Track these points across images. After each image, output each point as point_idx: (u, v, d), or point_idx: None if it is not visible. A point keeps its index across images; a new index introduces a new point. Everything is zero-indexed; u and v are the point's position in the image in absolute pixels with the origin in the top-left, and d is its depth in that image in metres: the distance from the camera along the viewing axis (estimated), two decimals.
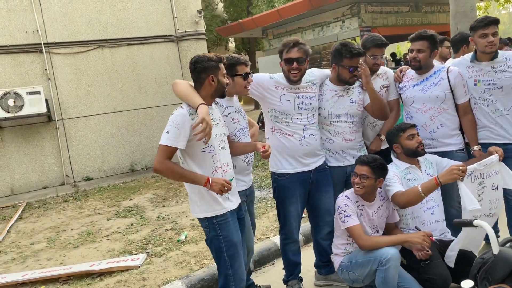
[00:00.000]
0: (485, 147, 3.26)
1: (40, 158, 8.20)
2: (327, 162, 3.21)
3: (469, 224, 1.99)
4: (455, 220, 2.20)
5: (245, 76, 2.84)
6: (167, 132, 2.44)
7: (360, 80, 3.19)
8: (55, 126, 8.24)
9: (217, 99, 2.73)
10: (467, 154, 3.31)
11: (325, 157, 3.20)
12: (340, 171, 3.21)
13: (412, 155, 2.97)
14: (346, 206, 2.74)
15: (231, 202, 2.62)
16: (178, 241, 4.51)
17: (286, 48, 2.99)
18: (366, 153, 3.28)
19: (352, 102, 3.19)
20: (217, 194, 2.49)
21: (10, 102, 7.53)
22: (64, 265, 4.24)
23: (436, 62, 3.53)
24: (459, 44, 4.37)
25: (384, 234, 2.94)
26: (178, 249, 4.27)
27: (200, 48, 9.20)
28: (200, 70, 2.53)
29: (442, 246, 2.78)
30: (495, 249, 1.76)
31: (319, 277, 3.38)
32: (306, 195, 3.14)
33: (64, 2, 8.27)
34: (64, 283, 3.82)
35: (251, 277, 3.28)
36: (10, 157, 7.96)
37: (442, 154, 3.26)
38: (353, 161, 3.09)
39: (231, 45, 20.08)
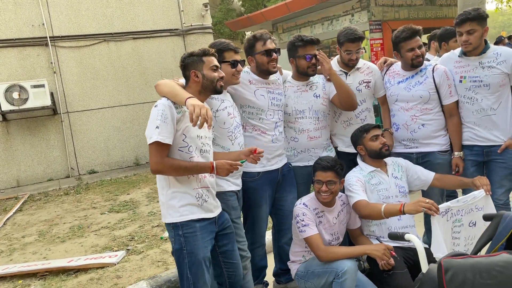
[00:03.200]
0: (468, 148, 3.06)
1: (45, 150, 8.29)
2: (290, 161, 3.10)
3: (401, 237, 1.86)
4: (389, 233, 2.11)
5: (233, 64, 2.66)
6: (157, 128, 2.22)
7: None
8: (60, 119, 8.31)
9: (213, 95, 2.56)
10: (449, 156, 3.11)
11: (287, 156, 3.10)
12: (304, 171, 3.08)
13: (376, 156, 2.80)
14: (304, 215, 2.59)
15: (206, 212, 2.39)
16: (161, 238, 4.44)
17: (263, 40, 2.87)
18: (333, 152, 3.14)
19: (316, 96, 3.07)
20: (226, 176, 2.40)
21: (15, 95, 7.61)
22: (46, 260, 4.24)
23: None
24: (441, 40, 4.16)
25: (349, 241, 2.79)
26: (158, 247, 4.21)
27: (206, 42, 9.09)
28: (184, 67, 2.44)
29: (410, 254, 2.60)
30: (424, 267, 1.62)
31: (278, 287, 3.26)
32: (273, 196, 3.02)
33: None
34: (41, 278, 3.80)
35: None
36: (16, 150, 8.08)
37: (424, 155, 3.09)
38: None
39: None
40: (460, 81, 3.02)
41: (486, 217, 1.89)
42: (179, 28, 9.13)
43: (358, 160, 2.91)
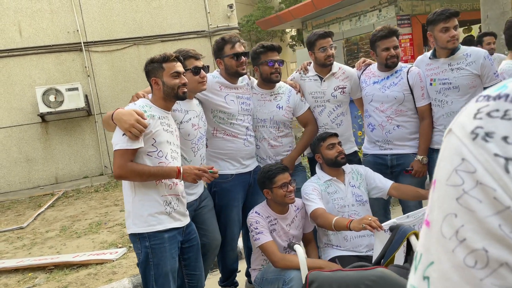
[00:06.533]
0: (439, 152, 2.95)
1: (81, 149, 8.81)
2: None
3: (291, 247, 1.86)
4: (289, 243, 2.09)
5: (195, 71, 2.64)
6: (124, 135, 2.21)
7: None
8: (94, 120, 8.79)
9: (176, 105, 2.58)
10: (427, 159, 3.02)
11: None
12: None
13: (333, 165, 2.77)
14: (257, 223, 2.61)
15: (175, 220, 2.36)
16: None
17: (232, 43, 2.89)
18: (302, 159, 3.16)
19: (279, 107, 3.07)
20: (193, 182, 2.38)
21: (51, 98, 8.14)
22: (59, 254, 4.56)
23: None
24: None
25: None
26: None
27: None
28: (146, 74, 2.44)
29: (367, 262, 2.56)
30: (303, 276, 1.62)
31: (250, 286, 3.29)
32: (244, 199, 3.07)
33: (102, 3, 8.73)
34: (48, 272, 4.11)
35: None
36: (55, 149, 8.64)
37: (398, 157, 3.04)
38: None
39: (286, 36, 19.94)
40: (431, 84, 2.94)
41: (390, 229, 1.86)
42: (205, 30, 9.32)
43: (317, 168, 2.91)
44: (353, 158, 3.23)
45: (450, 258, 0.44)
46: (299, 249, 1.86)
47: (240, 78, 3.02)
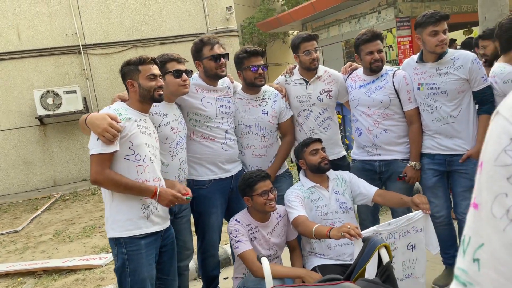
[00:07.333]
0: (429, 157, 2.91)
1: (79, 152, 8.80)
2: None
3: (258, 260, 1.82)
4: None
5: (176, 74, 2.59)
6: (98, 139, 2.17)
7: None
8: None
9: (155, 108, 2.55)
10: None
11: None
12: None
13: (316, 171, 2.71)
14: (237, 231, 2.55)
15: (153, 225, 2.32)
16: None
17: (211, 45, 2.83)
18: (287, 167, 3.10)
19: (264, 113, 3.00)
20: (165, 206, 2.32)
21: (49, 100, 8.15)
22: (50, 259, 4.53)
23: None
24: None
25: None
26: None
27: (231, 45, 9.21)
28: (121, 77, 2.43)
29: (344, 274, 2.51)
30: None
31: None
32: (226, 204, 3.00)
33: (100, 5, 8.73)
34: (37, 277, 4.08)
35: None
36: (53, 151, 8.64)
37: (387, 163, 2.98)
38: None
39: (289, 38, 19.83)
40: (418, 89, 2.87)
41: (363, 240, 1.81)
42: (204, 32, 9.28)
43: (300, 175, 2.85)
44: (342, 163, 3.18)
45: (501, 238, 0.44)
46: (265, 262, 1.80)
47: (221, 81, 2.95)
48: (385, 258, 1.86)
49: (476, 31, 9.64)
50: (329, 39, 10.41)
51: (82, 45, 8.63)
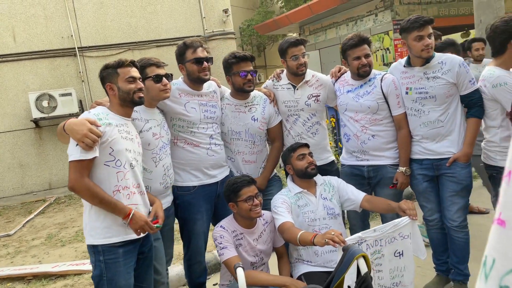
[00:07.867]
0: (418, 162, 2.88)
1: None
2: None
3: (234, 270, 1.78)
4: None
5: (156, 79, 2.54)
6: (77, 145, 2.11)
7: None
8: None
9: (136, 114, 2.51)
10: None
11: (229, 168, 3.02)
12: None
13: (303, 176, 2.67)
14: (221, 238, 2.49)
15: (132, 232, 2.26)
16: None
17: (193, 48, 2.77)
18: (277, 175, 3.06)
19: (254, 120, 2.96)
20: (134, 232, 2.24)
21: (45, 103, 8.12)
22: (40, 264, 4.49)
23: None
24: None
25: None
26: None
27: (228, 48, 9.18)
28: (100, 81, 2.39)
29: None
30: None
31: None
32: (212, 210, 2.95)
33: (96, 8, 8.71)
34: (26, 282, 4.04)
35: None
36: (48, 154, 8.61)
37: (375, 168, 2.94)
38: None
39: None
40: (406, 93, 2.83)
41: (343, 249, 1.77)
42: (201, 35, 9.28)
43: (288, 180, 2.80)
44: (331, 168, 3.14)
45: None
46: (240, 272, 1.76)
47: (206, 85, 2.90)
48: (363, 269, 1.82)
49: (473, 35, 9.62)
50: (327, 41, 10.39)
51: (78, 48, 8.61)
